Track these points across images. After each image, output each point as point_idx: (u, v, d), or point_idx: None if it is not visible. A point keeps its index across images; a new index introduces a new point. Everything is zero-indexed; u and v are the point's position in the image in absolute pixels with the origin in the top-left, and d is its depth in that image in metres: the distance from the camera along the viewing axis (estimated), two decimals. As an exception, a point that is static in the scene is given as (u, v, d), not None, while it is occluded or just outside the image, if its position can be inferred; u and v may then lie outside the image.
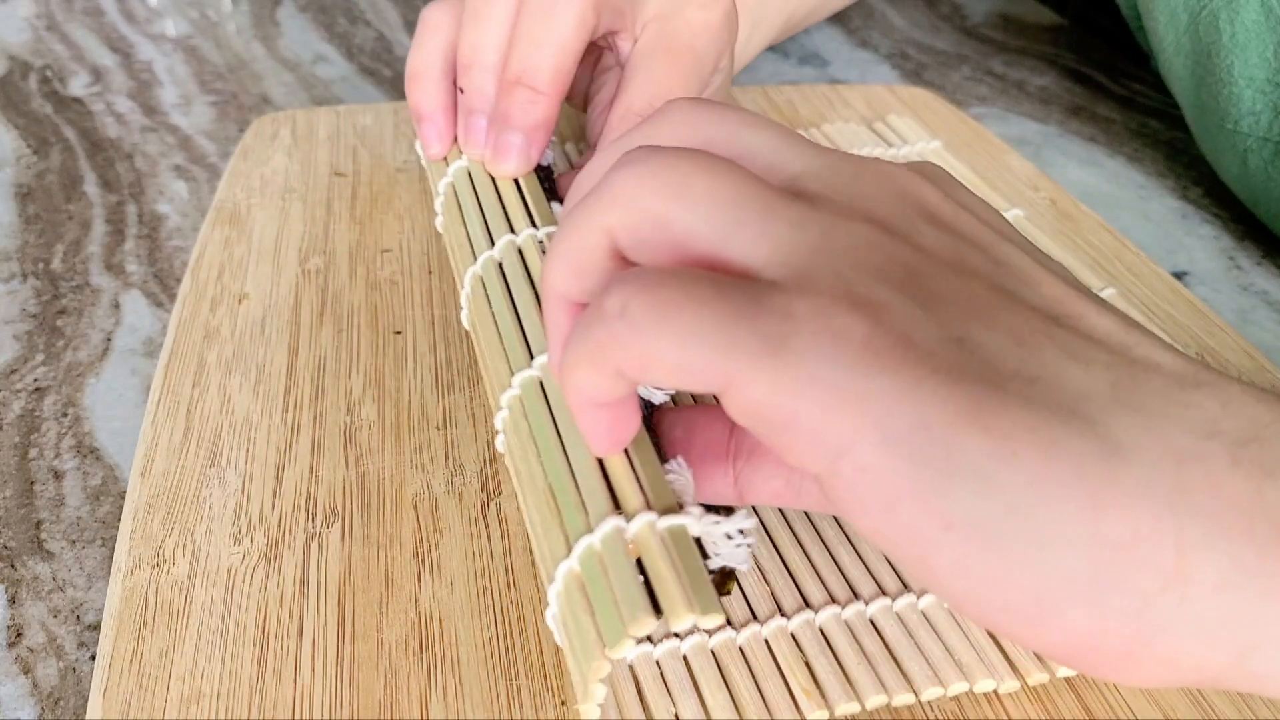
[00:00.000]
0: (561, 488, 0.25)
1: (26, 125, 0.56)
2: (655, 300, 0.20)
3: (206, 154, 0.54)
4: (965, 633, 0.28)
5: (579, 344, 0.22)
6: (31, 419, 0.37)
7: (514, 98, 0.37)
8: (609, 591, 0.22)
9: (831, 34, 0.70)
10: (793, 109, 0.55)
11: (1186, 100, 0.52)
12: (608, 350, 0.21)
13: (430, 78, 0.39)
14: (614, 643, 0.22)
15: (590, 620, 0.23)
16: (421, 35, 0.39)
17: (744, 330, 0.20)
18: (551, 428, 0.27)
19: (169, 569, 0.29)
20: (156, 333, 0.41)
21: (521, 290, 0.32)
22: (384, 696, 0.26)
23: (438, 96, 0.39)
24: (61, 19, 0.68)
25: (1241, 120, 0.47)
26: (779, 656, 0.27)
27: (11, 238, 0.47)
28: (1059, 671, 0.27)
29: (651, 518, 0.23)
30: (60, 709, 0.28)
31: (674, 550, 0.23)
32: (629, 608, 0.22)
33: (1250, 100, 0.46)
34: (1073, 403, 0.20)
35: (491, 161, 0.38)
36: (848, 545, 0.30)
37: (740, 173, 0.22)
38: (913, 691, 0.27)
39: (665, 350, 0.20)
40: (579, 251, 0.24)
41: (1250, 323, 0.44)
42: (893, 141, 0.52)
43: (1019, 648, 0.27)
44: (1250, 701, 0.27)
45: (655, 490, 0.24)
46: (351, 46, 0.66)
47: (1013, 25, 0.73)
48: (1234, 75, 0.47)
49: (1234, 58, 0.46)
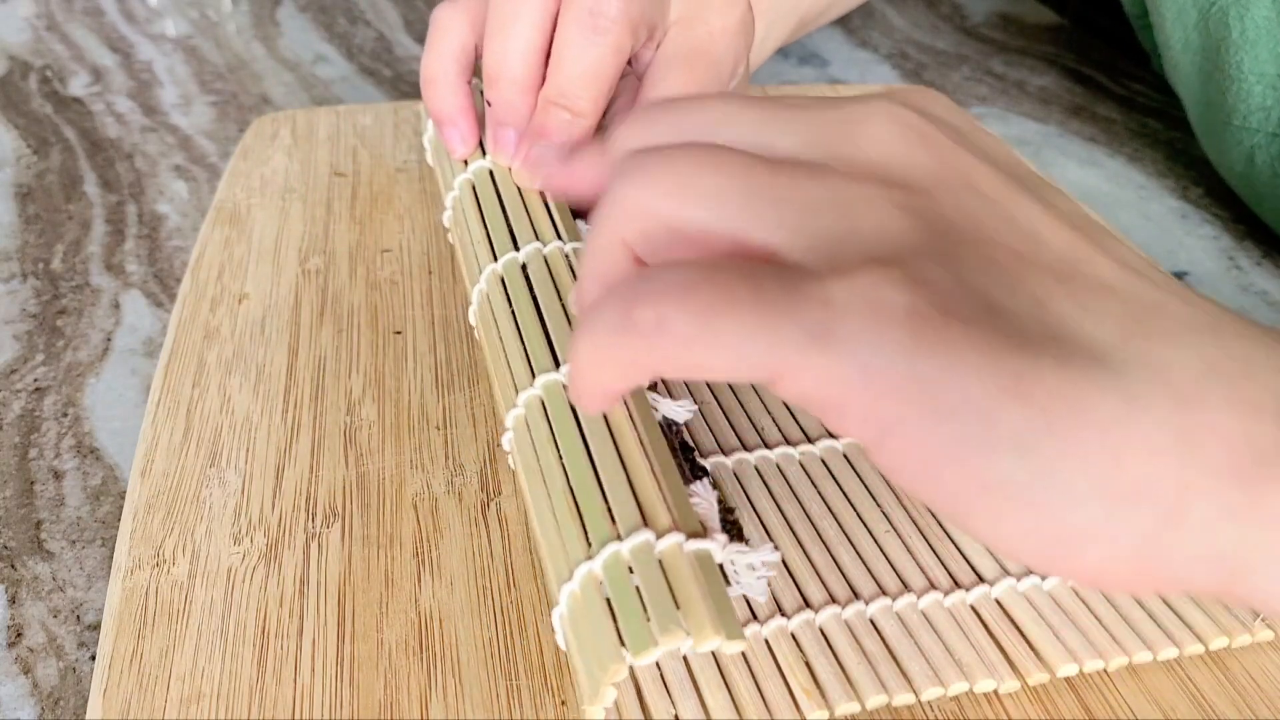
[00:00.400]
0: (586, 492, 0.25)
1: (26, 125, 0.56)
2: (694, 309, 0.21)
3: (206, 154, 0.54)
4: (965, 633, 0.28)
5: (610, 352, 0.22)
6: (31, 419, 0.37)
7: (553, 117, 0.37)
8: (634, 600, 0.23)
9: (831, 34, 0.70)
10: (793, 109, 0.55)
11: (1192, 97, 0.52)
12: (647, 362, 0.22)
13: (446, 82, 0.39)
14: (639, 649, 0.22)
15: (609, 624, 0.23)
16: (433, 38, 0.39)
17: (788, 326, 0.20)
18: (577, 433, 0.27)
19: (169, 569, 0.29)
20: (156, 333, 0.41)
21: (548, 296, 0.32)
22: (384, 696, 0.26)
23: (456, 100, 0.39)
24: (61, 19, 0.68)
25: (1250, 116, 0.47)
26: (779, 656, 0.27)
27: (11, 238, 0.47)
28: (1059, 671, 0.27)
29: (679, 539, 0.24)
30: (60, 709, 0.28)
31: (700, 573, 0.23)
32: (663, 619, 0.22)
33: (1260, 96, 0.46)
34: (1093, 359, 0.21)
35: (522, 174, 0.37)
36: (847, 545, 0.30)
37: (740, 159, 0.23)
38: (913, 691, 0.27)
39: (712, 360, 0.21)
40: (605, 271, 0.24)
41: (1250, 323, 0.44)
42: None
43: (1019, 648, 0.27)
44: (1250, 702, 0.27)
45: (682, 512, 0.24)
46: (351, 46, 0.66)
47: (1013, 25, 0.73)
48: (1243, 71, 0.47)
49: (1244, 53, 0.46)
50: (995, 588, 0.29)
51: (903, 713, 0.26)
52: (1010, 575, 0.29)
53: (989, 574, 0.29)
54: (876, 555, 0.30)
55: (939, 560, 0.30)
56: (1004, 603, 0.29)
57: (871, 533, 0.31)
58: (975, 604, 0.29)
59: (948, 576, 0.29)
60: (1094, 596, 0.29)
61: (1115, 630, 0.28)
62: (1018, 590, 0.29)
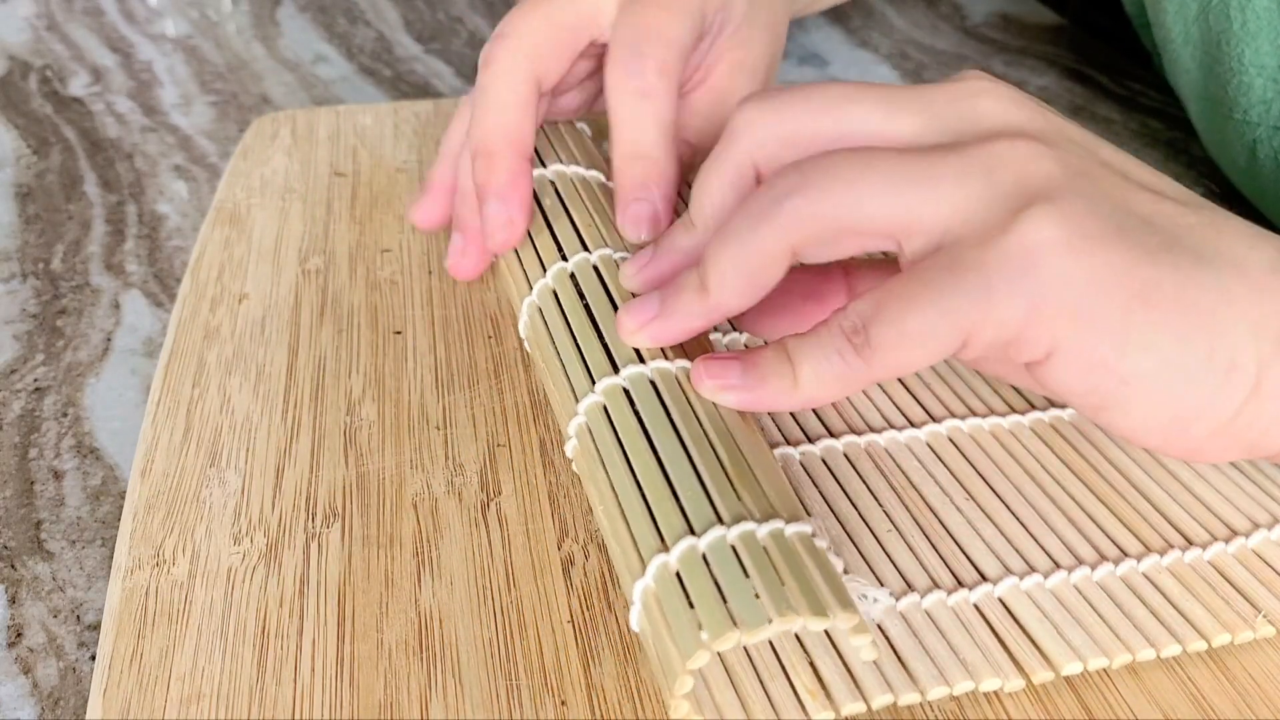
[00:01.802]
0: (684, 478, 0.26)
1: (26, 125, 0.56)
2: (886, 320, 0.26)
3: (206, 154, 0.54)
4: (969, 632, 0.28)
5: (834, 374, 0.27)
6: (31, 419, 0.37)
7: (474, 167, 0.36)
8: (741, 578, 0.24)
9: (831, 34, 0.70)
10: (793, 109, 0.54)
11: (1193, 92, 0.52)
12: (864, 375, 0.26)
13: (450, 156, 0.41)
14: (752, 626, 0.23)
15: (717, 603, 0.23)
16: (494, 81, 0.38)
17: (959, 300, 0.25)
18: (669, 424, 0.28)
19: (169, 569, 0.29)
20: (156, 333, 0.41)
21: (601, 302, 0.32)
22: (384, 696, 0.26)
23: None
24: (61, 19, 0.68)
25: (1251, 110, 0.47)
26: (783, 656, 0.27)
27: (11, 238, 0.47)
28: (1064, 670, 0.27)
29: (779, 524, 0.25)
30: (60, 709, 0.28)
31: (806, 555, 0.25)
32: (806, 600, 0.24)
33: (1261, 89, 0.46)
34: (1196, 260, 0.26)
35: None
36: (850, 545, 0.30)
37: (891, 155, 0.27)
38: (919, 691, 0.26)
39: (913, 355, 0.26)
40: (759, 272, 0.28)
41: (1250, 323, 0.44)
42: None
43: (1023, 646, 0.27)
44: (1250, 701, 0.27)
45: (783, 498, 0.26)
46: (351, 46, 0.66)
47: (1013, 25, 0.73)
48: (1244, 64, 0.46)
49: (1245, 46, 0.46)
50: (998, 586, 0.29)
51: (902, 712, 0.26)
52: (1013, 574, 0.29)
53: (991, 573, 0.29)
54: (879, 555, 0.30)
55: (941, 559, 0.30)
56: (1007, 601, 0.29)
57: (874, 532, 0.31)
58: (979, 603, 0.29)
59: (950, 575, 0.29)
60: (1096, 594, 0.29)
61: (1118, 628, 0.28)
62: (1020, 588, 0.29)
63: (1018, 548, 0.30)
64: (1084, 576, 0.29)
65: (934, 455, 0.33)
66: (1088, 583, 0.29)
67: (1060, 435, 0.34)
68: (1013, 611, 0.29)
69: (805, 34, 0.70)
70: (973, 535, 0.31)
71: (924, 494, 0.32)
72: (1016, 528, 0.31)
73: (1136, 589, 0.29)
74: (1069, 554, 0.30)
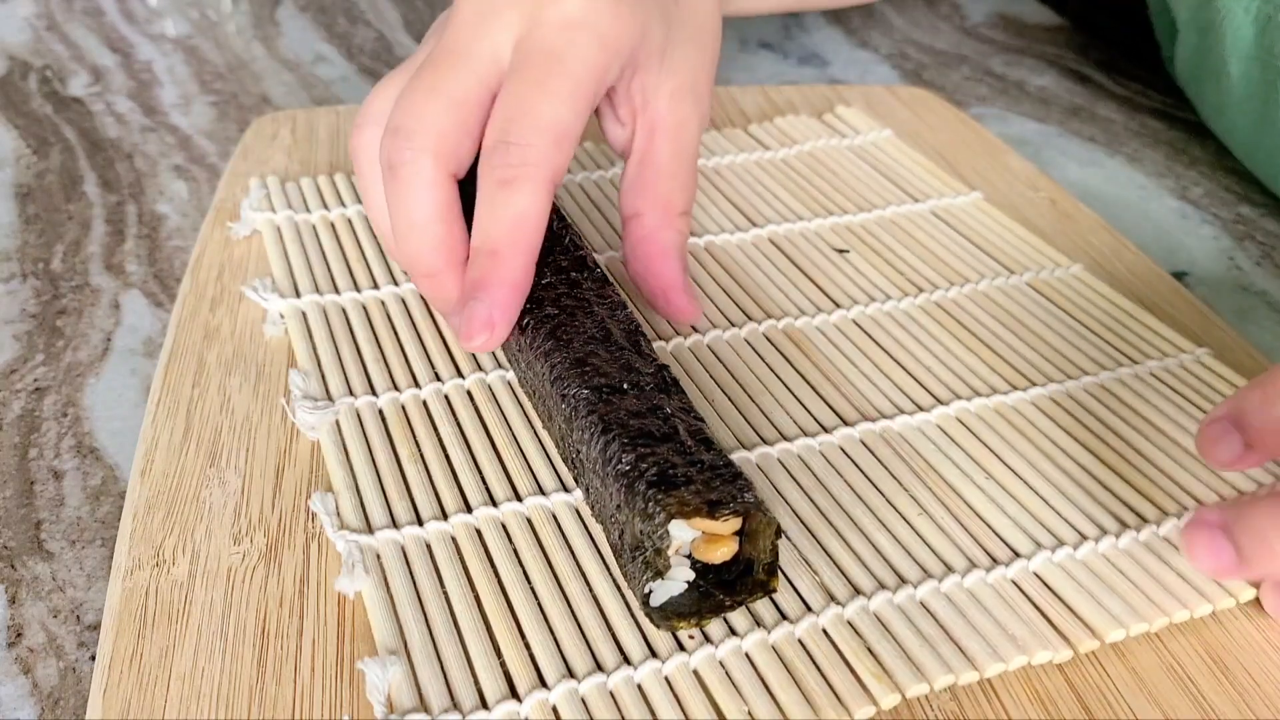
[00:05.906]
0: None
1: (26, 125, 0.56)
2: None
3: (206, 154, 0.54)
4: (1013, 608, 0.28)
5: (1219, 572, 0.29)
6: (31, 419, 0.37)
7: (418, 285, 0.35)
8: None
9: (831, 34, 0.70)
10: (792, 109, 0.55)
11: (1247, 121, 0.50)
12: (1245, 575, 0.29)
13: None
14: None
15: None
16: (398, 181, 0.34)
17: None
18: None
19: (169, 569, 0.29)
20: (156, 333, 0.41)
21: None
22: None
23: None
24: (61, 19, 0.68)
25: None
26: (840, 645, 0.27)
27: (11, 238, 0.47)
28: (1108, 637, 0.28)
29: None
30: (60, 709, 0.28)
31: None
32: None
33: None
34: None
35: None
36: (884, 531, 0.31)
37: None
38: (976, 670, 0.27)
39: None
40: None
41: (1250, 323, 0.44)
42: (844, 133, 0.52)
43: (1065, 618, 0.28)
44: (1250, 702, 0.27)
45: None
46: (351, 46, 0.66)
47: (1013, 25, 0.73)
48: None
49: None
50: (1032, 561, 0.30)
51: (902, 711, 0.26)
52: (1044, 549, 0.30)
53: (1023, 549, 0.30)
54: (914, 539, 0.30)
55: (974, 539, 0.31)
56: (1041, 575, 0.30)
57: (904, 516, 0.31)
58: (1015, 578, 0.29)
59: (985, 554, 0.30)
60: (1125, 561, 0.30)
61: (1152, 593, 0.29)
62: (1053, 561, 0.30)
63: (1042, 521, 0.31)
64: (1110, 545, 0.30)
65: (947, 437, 0.34)
66: (1115, 551, 0.30)
67: (1062, 408, 0.35)
68: (1049, 585, 0.29)
69: (805, 34, 0.70)
70: (998, 512, 0.31)
71: (944, 476, 0.33)
72: (1038, 502, 0.32)
73: (1161, 553, 0.30)
74: (1092, 524, 0.31)
